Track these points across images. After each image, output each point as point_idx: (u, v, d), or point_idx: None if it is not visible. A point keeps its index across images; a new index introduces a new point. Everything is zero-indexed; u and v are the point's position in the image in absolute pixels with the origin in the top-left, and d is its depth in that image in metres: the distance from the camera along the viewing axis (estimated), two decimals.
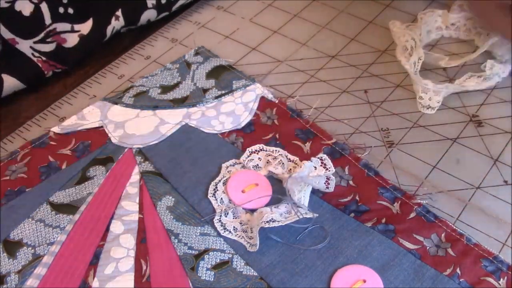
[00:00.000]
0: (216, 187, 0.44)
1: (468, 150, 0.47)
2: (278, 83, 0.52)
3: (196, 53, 0.54)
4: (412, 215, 0.42)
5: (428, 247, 0.40)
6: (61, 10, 0.52)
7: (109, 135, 0.48)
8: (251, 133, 0.48)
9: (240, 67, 0.54)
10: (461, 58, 0.52)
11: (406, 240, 0.41)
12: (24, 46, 0.51)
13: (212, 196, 0.43)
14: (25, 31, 0.51)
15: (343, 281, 0.39)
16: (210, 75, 0.52)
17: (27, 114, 0.51)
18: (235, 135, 0.48)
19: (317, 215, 0.41)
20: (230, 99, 0.50)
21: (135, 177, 0.45)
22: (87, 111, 0.49)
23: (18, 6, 0.50)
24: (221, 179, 0.44)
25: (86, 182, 0.45)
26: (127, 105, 0.50)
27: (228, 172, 0.45)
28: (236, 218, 0.42)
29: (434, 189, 0.44)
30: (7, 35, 0.50)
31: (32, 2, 0.50)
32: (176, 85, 0.52)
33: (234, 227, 0.42)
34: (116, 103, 0.50)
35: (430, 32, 0.56)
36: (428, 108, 0.49)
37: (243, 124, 0.48)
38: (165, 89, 0.51)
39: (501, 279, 0.39)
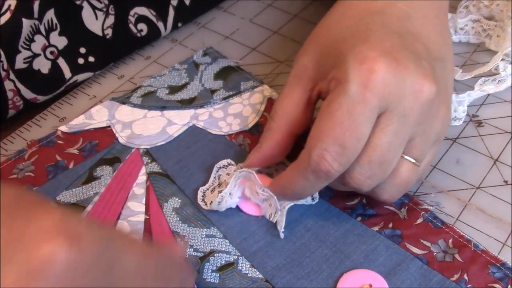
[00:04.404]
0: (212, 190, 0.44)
1: (468, 150, 0.47)
2: (278, 83, 0.52)
3: (205, 54, 0.54)
4: (419, 220, 0.42)
5: (435, 253, 0.40)
6: (81, 61, 0.51)
7: (117, 135, 0.48)
8: (258, 135, 0.48)
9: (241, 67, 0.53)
10: (475, 70, 0.51)
11: (413, 245, 0.40)
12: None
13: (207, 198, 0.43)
14: (45, 88, 0.50)
15: (349, 285, 0.38)
16: (218, 76, 0.52)
17: (27, 114, 0.50)
18: (242, 136, 0.48)
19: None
20: (238, 101, 0.50)
21: (142, 177, 0.45)
22: (94, 111, 0.49)
23: (36, 65, 0.48)
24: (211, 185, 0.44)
25: (93, 182, 0.45)
26: (135, 105, 0.50)
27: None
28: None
29: (434, 189, 0.44)
30: (28, 95, 0.49)
31: (48, 59, 0.49)
32: (184, 85, 0.51)
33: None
34: (124, 103, 0.50)
35: None
36: (455, 120, 0.47)
37: (250, 126, 0.48)
38: (173, 89, 0.51)
39: (509, 286, 0.38)
